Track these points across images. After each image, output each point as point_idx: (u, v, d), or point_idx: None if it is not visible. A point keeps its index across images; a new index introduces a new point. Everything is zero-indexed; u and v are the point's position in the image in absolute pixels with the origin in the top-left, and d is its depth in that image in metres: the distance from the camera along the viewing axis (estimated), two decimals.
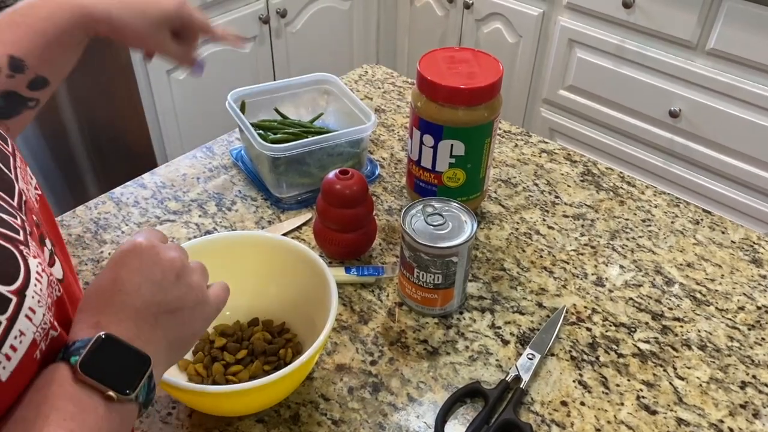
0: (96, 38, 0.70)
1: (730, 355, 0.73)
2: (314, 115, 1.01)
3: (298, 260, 0.69)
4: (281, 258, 0.71)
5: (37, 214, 0.50)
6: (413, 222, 0.73)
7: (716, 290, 0.81)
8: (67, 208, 0.91)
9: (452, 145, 0.81)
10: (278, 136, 0.93)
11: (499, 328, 0.75)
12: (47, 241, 0.48)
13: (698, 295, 0.80)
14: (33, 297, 0.39)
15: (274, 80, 1.31)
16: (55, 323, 0.42)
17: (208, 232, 0.87)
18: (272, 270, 0.71)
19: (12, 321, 0.37)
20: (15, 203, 0.45)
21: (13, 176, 0.48)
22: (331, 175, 0.79)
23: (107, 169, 1.91)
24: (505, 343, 0.74)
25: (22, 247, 0.41)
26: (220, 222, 0.89)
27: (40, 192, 0.55)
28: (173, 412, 0.66)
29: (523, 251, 0.86)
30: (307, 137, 0.90)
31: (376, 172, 0.97)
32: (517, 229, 0.89)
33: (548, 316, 0.77)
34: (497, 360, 0.72)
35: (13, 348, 0.37)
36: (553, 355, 0.73)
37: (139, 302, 0.45)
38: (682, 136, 1.82)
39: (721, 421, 0.66)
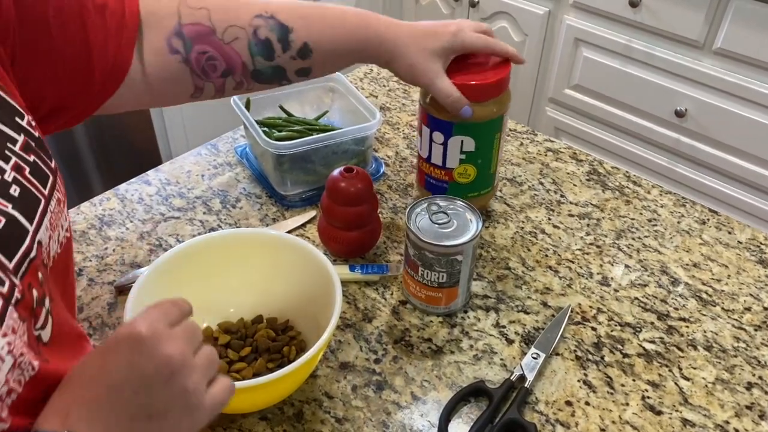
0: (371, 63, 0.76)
1: (736, 356, 0.73)
2: (319, 113, 1.01)
3: (303, 258, 0.69)
4: (286, 255, 0.70)
5: (45, 271, 0.47)
6: (418, 220, 0.73)
7: (722, 290, 0.81)
8: (71, 205, 0.91)
9: (462, 141, 0.80)
10: (283, 133, 0.93)
11: (504, 327, 0.75)
12: (47, 300, 0.46)
13: (704, 296, 0.80)
14: None
15: None
16: (6, 416, 0.39)
17: (212, 229, 0.87)
18: (276, 267, 0.71)
19: None
20: (12, 264, 0.42)
21: (33, 227, 0.45)
22: (336, 172, 0.79)
23: (111, 166, 1.91)
24: (510, 342, 0.73)
25: None
26: (225, 219, 0.89)
27: (69, 234, 0.53)
28: None
29: (528, 250, 0.85)
30: (311, 135, 0.90)
31: (381, 170, 0.97)
32: (523, 228, 0.89)
33: (553, 316, 0.76)
34: (502, 359, 0.72)
35: None
36: (557, 354, 0.72)
37: (117, 402, 0.41)
38: (688, 136, 1.81)
39: (727, 422, 0.66)
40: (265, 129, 0.93)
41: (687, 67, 1.72)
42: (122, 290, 0.78)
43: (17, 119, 0.48)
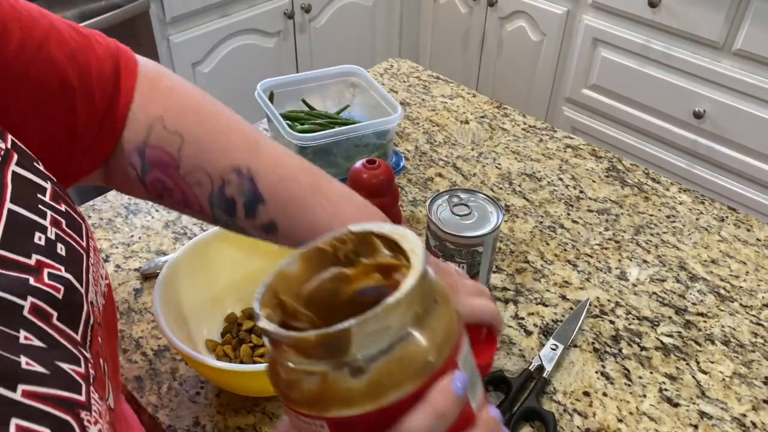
0: None
1: (753, 351, 0.73)
2: (340, 107, 1.02)
3: None
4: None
5: (102, 332, 0.41)
6: (439, 211, 0.74)
7: (741, 287, 0.81)
8: (98, 193, 0.93)
9: None
10: (306, 126, 0.94)
11: (523, 318, 0.76)
12: (105, 365, 0.40)
13: (722, 291, 0.80)
14: None
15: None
16: None
17: None
18: None
19: None
20: (80, 334, 0.36)
21: (83, 287, 0.39)
22: (359, 164, 0.80)
23: None
24: (528, 333, 0.74)
25: (83, 414, 0.33)
26: None
27: (108, 282, 0.46)
28: (201, 392, 0.67)
29: (547, 244, 0.86)
30: (333, 128, 0.92)
31: (401, 164, 0.98)
32: (542, 222, 0.90)
33: (571, 309, 0.77)
34: (520, 350, 0.72)
35: None
36: (576, 346, 0.73)
37: None
38: (706, 137, 1.81)
39: (744, 415, 0.67)
40: (288, 122, 0.94)
41: (706, 68, 1.72)
42: (148, 276, 0.79)
43: (36, 164, 0.41)
